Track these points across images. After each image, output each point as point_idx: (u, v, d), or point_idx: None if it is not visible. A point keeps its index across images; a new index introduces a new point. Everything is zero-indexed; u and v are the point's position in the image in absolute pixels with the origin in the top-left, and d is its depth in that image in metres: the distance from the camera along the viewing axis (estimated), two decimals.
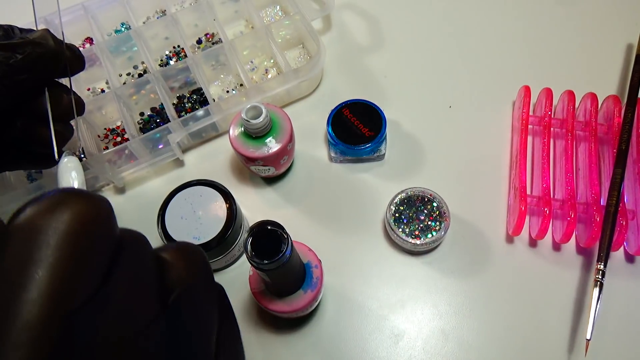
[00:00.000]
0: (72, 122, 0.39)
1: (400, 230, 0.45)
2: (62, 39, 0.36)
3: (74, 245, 0.16)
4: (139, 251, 0.19)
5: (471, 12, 0.60)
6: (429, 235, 0.45)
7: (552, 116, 0.49)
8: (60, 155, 0.37)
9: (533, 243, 0.47)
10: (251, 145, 0.45)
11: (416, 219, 0.46)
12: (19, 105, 0.35)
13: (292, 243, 0.32)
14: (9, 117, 0.35)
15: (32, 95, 0.35)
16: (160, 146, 0.50)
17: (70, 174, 0.36)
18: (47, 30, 0.35)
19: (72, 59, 0.37)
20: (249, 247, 0.31)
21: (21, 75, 0.32)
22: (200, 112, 0.50)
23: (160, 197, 0.44)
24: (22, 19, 0.52)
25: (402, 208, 0.46)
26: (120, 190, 0.52)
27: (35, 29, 0.43)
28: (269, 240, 0.31)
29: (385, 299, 0.45)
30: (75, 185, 0.36)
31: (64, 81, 0.39)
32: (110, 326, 0.16)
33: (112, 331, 0.16)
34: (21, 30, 0.37)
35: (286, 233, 0.32)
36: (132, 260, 0.18)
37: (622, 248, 0.45)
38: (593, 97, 0.49)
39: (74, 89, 0.39)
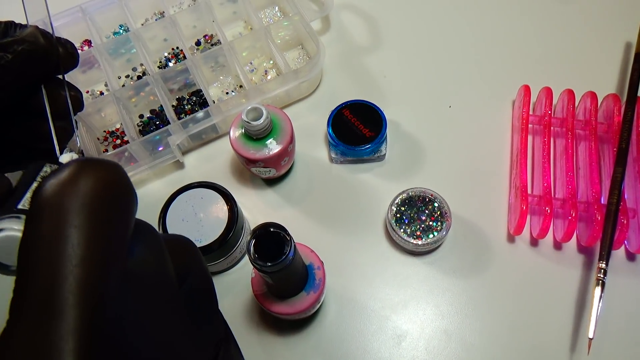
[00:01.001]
0: (74, 119, 0.39)
1: (402, 230, 0.45)
2: (52, 34, 0.36)
3: (104, 212, 0.18)
4: (153, 230, 0.21)
5: (470, 11, 0.60)
6: (431, 236, 0.45)
7: (552, 115, 0.49)
8: (62, 152, 0.36)
9: (534, 242, 0.47)
10: (252, 146, 0.45)
11: (417, 219, 0.46)
12: (19, 103, 0.34)
13: (295, 245, 0.32)
14: (8, 117, 0.35)
15: (28, 93, 0.35)
16: (160, 148, 0.50)
17: None
18: (36, 28, 0.34)
19: (64, 56, 0.36)
20: (252, 249, 0.31)
21: (12, 74, 0.32)
22: (200, 114, 0.49)
23: (160, 199, 0.44)
24: (20, 20, 0.52)
25: (403, 208, 0.46)
26: None
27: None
28: (272, 242, 0.31)
29: (387, 300, 0.45)
30: None
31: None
32: (143, 291, 0.18)
33: (145, 295, 0.19)
34: (20, 27, 0.36)
35: (289, 235, 0.32)
36: (151, 237, 0.20)
37: (623, 246, 0.45)
38: (593, 95, 0.49)
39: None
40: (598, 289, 0.41)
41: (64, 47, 0.37)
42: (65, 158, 0.36)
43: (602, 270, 0.41)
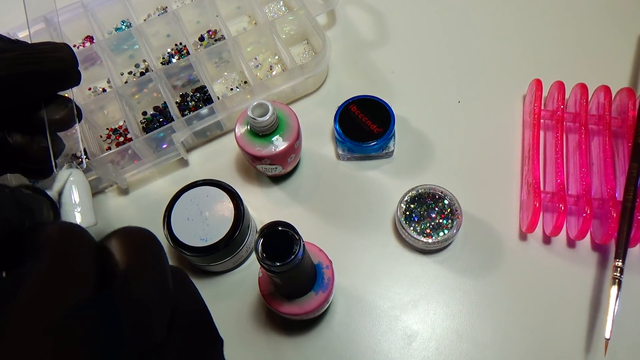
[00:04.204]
0: (78, 127, 0.38)
1: (412, 228, 0.44)
2: (59, 31, 0.35)
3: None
4: (61, 242, 0.18)
5: (479, 3, 0.59)
6: (441, 234, 0.44)
7: (565, 110, 0.48)
8: (57, 166, 0.36)
9: (547, 240, 0.46)
10: (258, 143, 0.44)
11: (427, 217, 0.45)
12: (15, 115, 0.33)
13: (304, 244, 0.31)
14: (1, 127, 0.33)
15: (30, 107, 0.34)
16: (164, 146, 0.49)
17: (71, 190, 0.35)
18: (67, 46, 0.33)
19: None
20: (259, 248, 0.30)
21: (41, 86, 0.32)
22: (204, 111, 0.49)
23: (164, 197, 0.43)
24: (17, 20, 0.51)
25: (412, 206, 0.45)
26: (124, 191, 0.51)
27: (28, 29, 0.42)
28: (280, 241, 0.30)
29: (397, 299, 0.44)
30: (77, 202, 0.35)
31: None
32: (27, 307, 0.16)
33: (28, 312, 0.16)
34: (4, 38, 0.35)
35: (298, 234, 0.31)
36: (49, 251, 0.18)
37: (639, 244, 0.44)
38: (606, 89, 0.48)
39: (74, 90, 0.37)
40: (614, 288, 0.40)
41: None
42: (61, 172, 0.36)
43: (619, 269, 0.40)
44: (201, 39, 0.58)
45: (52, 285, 0.17)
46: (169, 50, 0.57)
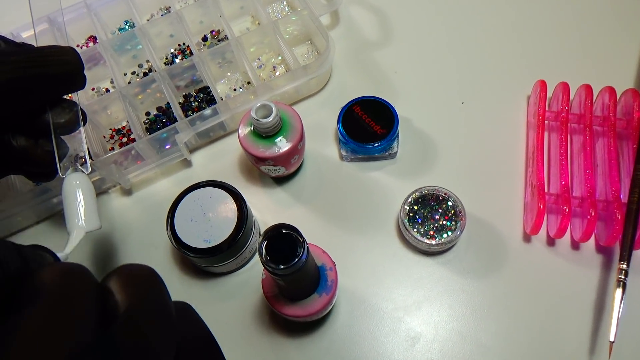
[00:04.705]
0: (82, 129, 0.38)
1: (415, 230, 0.44)
2: (65, 32, 0.35)
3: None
4: (60, 284, 0.18)
5: (483, 4, 0.59)
6: (445, 235, 0.44)
7: (569, 111, 0.48)
8: (61, 169, 0.36)
9: (551, 242, 0.46)
10: (261, 144, 0.44)
11: (431, 218, 0.44)
12: (20, 119, 0.33)
13: (307, 247, 0.31)
14: (6, 130, 0.33)
15: (35, 110, 0.34)
16: (168, 146, 0.49)
17: (76, 194, 0.35)
18: (73, 49, 0.33)
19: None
20: (263, 251, 0.30)
21: (40, 87, 0.31)
22: (207, 111, 0.48)
23: (168, 198, 0.43)
24: (21, 20, 0.51)
25: (416, 207, 0.45)
26: (127, 192, 0.51)
27: (33, 29, 0.42)
28: (284, 244, 0.30)
29: (401, 301, 0.44)
30: (82, 206, 0.35)
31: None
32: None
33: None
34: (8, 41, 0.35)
35: (302, 236, 0.31)
36: (49, 294, 0.17)
37: None
38: (611, 90, 0.48)
39: (77, 93, 0.37)
40: (619, 291, 0.39)
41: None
42: (69, 175, 0.36)
43: (623, 271, 0.40)
44: (204, 39, 0.58)
45: (49, 331, 0.16)
46: (172, 50, 0.57)
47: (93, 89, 0.56)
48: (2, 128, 0.33)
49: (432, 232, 0.44)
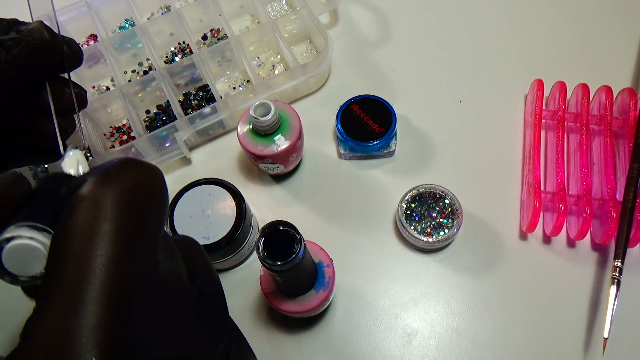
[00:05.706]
0: (76, 117, 0.38)
1: (412, 227, 0.44)
2: (58, 32, 0.35)
3: (141, 212, 0.18)
4: (164, 232, 0.21)
5: (481, 3, 0.59)
6: (441, 233, 0.44)
7: (566, 110, 0.48)
8: (65, 149, 0.36)
9: (547, 239, 0.46)
10: (260, 142, 0.44)
11: (428, 216, 0.45)
12: (21, 100, 0.34)
13: (304, 243, 0.31)
14: (10, 113, 0.34)
15: (32, 89, 0.34)
16: (167, 144, 0.50)
17: (77, 167, 0.35)
18: (41, 22, 0.34)
19: (69, 54, 0.36)
20: (261, 247, 0.31)
21: (16, 69, 0.32)
22: (207, 110, 0.49)
23: None
24: (22, 18, 0.51)
25: (413, 205, 0.45)
26: None
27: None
28: (282, 240, 0.31)
29: (397, 298, 0.45)
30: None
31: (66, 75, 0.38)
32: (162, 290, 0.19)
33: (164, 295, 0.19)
34: (24, 24, 0.36)
35: (299, 233, 0.31)
36: (164, 238, 0.20)
37: (639, 245, 0.44)
38: (608, 90, 0.48)
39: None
40: (613, 288, 0.40)
41: (67, 45, 0.36)
42: (69, 156, 0.36)
43: (618, 269, 0.40)
44: (204, 37, 0.58)
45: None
46: (172, 48, 0.58)
47: (93, 87, 0.57)
48: (9, 109, 0.33)
49: (429, 230, 0.44)
